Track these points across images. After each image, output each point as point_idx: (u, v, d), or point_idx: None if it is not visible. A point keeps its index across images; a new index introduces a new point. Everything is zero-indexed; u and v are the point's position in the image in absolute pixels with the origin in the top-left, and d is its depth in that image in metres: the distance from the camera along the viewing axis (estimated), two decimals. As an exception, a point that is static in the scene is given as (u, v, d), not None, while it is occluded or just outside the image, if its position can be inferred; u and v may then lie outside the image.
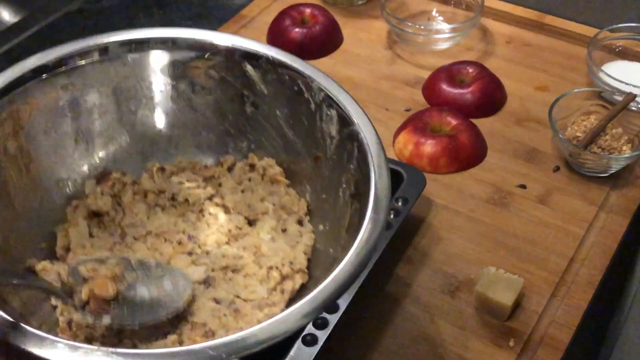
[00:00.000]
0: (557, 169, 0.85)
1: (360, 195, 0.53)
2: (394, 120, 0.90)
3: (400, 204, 0.73)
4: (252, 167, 0.64)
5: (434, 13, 1.06)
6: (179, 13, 1.13)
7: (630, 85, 0.86)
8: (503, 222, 0.79)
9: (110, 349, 0.42)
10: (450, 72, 0.94)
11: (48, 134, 0.59)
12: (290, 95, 0.59)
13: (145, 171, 0.64)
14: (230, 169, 0.64)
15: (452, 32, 0.99)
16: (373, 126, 0.55)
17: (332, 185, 0.58)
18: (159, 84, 0.63)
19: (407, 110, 0.92)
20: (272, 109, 0.61)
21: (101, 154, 0.62)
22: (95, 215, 0.62)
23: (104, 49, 0.60)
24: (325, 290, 0.46)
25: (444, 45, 1.01)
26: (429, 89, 0.94)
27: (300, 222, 0.62)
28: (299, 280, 0.59)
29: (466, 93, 0.91)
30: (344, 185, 0.57)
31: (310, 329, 0.62)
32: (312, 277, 0.59)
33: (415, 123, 0.86)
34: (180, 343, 0.54)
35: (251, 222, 0.63)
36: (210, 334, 0.54)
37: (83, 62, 0.59)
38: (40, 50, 0.59)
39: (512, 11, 1.06)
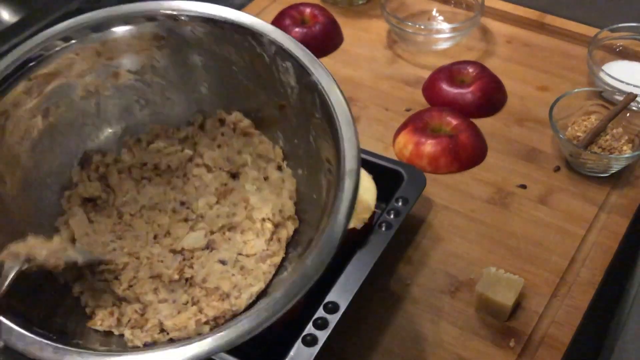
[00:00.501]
0: (557, 169, 0.84)
1: (328, 141, 0.56)
2: (394, 120, 0.90)
3: (400, 204, 0.73)
4: (222, 121, 0.66)
5: (434, 13, 1.06)
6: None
7: (631, 85, 0.86)
8: (503, 222, 0.79)
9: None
10: (451, 72, 0.93)
11: (28, 132, 0.60)
12: (243, 51, 0.61)
13: (123, 146, 0.65)
14: (201, 127, 0.66)
15: (452, 32, 0.99)
16: (330, 74, 0.57)
17: (302, 131, 0.61)
18: (117, 62, 0.64)
19: (407, 110, 0.92)
20: (228, 66, 0.63)
21: (76, 140, 0.63)
22: (89, 201, 0.63)
23: (66, 38, 0.61)
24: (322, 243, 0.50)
25: (444, 45, 1.01)
26: (429, 89, 0.94)
27: (279, 168, 0.64)
28: (291, 226, 0.61)
29: (466, 93, 0.91)
30: (313, 132, 0.59)
31: (310, 329, 0.62)
32: (302, 221, 0.61)
33: (416, 123, 0.86)
34: (201, 311, 0.56)
35: (234, 175, 0.65)
36: (224, 297, 0.57)
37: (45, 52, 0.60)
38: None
39: (512, 11, 1.06)
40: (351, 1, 1.10)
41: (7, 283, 0.50)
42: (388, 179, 0.75)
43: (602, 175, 0.83)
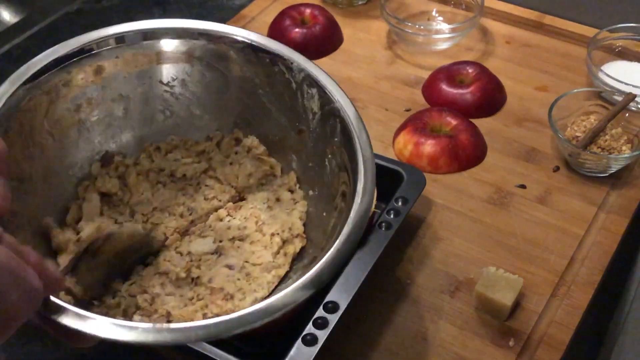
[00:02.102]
0: (556, 169, 0.85)
1: (346, 165, 0.59)
2: (394, 120, 0.90)
3: (400, 204, 0.73)
4: (238, 141, 0.68)
5: (433, 13, 1.07)
6: (179, 13, 1.13)
7: (630, 85, 0.86)
8: (503, 222, 0.79)
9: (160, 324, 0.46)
10: (450, 72, 0.94)
11: (59, 123, 0.62)
12: (272, 76, 0.64)
13: (143, 152, 0.68)
14: (218, 144, 0.69)
15: (452, 33, 0.99)
16: (352, 103, 0.60)
17: (317, 154, 0.64)
18: (152, 72, 0.66)
19: (407, 110, 0.93)
20: (255, 89, 0.66)
21: (100, 139, 0.66)
22: (104, 196, 0.65)
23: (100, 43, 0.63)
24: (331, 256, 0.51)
25: (443, 46, 1.01)
26: (429, 89, 0.94)
27: (291, 190, 0.67)
28: (298, 244, 0.63)
29: (466, 93, 0.91)
30: (329, 156, 0.62)
31: (310, 329, 0.62)
32: (309, 240, 0.64)
33: (415, 123, 0.86)
34: (206, 306, 0.58)
35: (244, 194, 0.68)
36: (229, 297, 0.59)
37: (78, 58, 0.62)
38: (40, 51, 0.60)
39: (512, 11, 1.06)
40: (351, 2, 1.10)
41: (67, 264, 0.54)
42: (388, 179, 0.75)
43: (601, 175, 0.83)
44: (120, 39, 0.63)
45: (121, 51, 0.63)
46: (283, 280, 0.61)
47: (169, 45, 0.65)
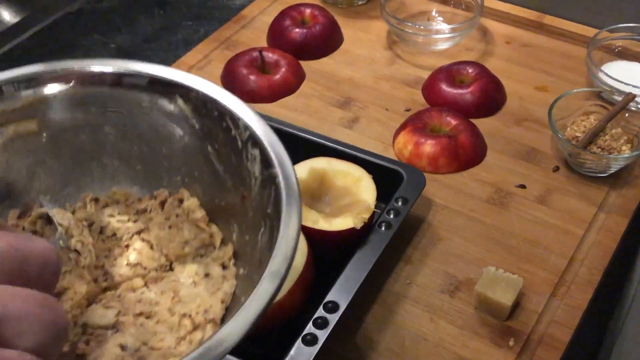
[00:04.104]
0: (556, 169, 0.85)
1: (271, 242, 0.50)
2: (394, 120, 0.90)
3: (400, 204, 0.73)
4: (181, 202, 0.62)
5: (433, 13, 1.07)
6: (179, 13, 1.13)
7: (630, 85, 0.86)
8: (503, 222, 0.79)
9: None
10: (450, 72, 0.94)
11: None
12: (220, 131, 0.58)
13: (80, 201, 0.62)
14: (162, 203, 0.62)
15: (452, 33, 0.99)
16: (293, 169, 0.53)
17: (255, 227, 0.55)
18: (95, 115, 0.61)
19: (407, 110, 0.93)
20: (204, 144, 0.59)
21: (32, 185, 0.60)
22: None
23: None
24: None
25: (443, 46, 1.01)
26: (429, 89, 0.94)
27: (224, 266, 0.59)
28: (209, 331, 0.55)
29: (466, 93, 0.91)
30: (262, 229, 0.54)
31: (310, 328, 0.62)
32: (223, 323, 0.55)
33: (415, 123, 0.86)
34: None
35: (172, 262, 0.60)
36: None
37: None
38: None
39: (512, 11, 1.06)
40: (351, 2, 1.10)
41: None
42: (388, 179, 0.75)
43: (601, 175, 0.83)
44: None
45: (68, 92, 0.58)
46: None
47: (119, 88, 0.59)
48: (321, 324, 0.63)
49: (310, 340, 0.62)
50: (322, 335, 0.62)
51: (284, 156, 0.53)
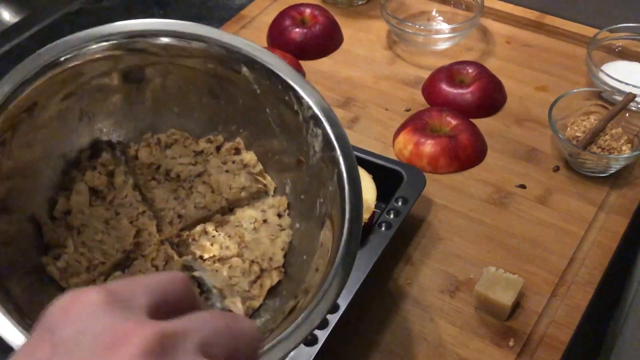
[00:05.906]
0: (556, 169, 0.85)
1: (333, 220, 0.56)
2: (394, 120, 0.90)
3: (400, 204, 0.73)
4: (237, 150, 0.66)
5: (433, 13, 1.07)
6: (179, 13, 1.13)
7: (630, 85, 0.86)
8: (503, 222, 0.79)
9: None
10: (450, 72, 0.94)
11: (59, 111, 0.61)
12: (281, 101, 0.61)
13: (142, 141, 0.66)
14: (218, 148, 0.67)
15: (452, 33, 0.99)
16: (353, 156, 0.58)
17: (311, 192, 0.61)
18: (160, 68, 0.65)
19: (407, 110, 0.93)
20: (262, 106, 0.63)
21: (100, 126, 0.64)
22: (90, 189, 0.63)
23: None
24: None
25: (443, 46, 1.01)
26: (429, 89, 0.94)
27: (279, 215, 0.64)
28: (275, 277, 0.61)
29: (466, 93, 0.91)
30: (321, 200, 0.59)
31: (310, 328, 0.62)
32: (286, 274, 0.62)
33: (415, 123, 0.86)
34: None
35: (233, 207, 0.65)
36: None
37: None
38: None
39: (512, 11, 1.06)
40: (351, 2, 1.10)
41: None
42: (388, 179, 0.75)
43: (601, 175, 0.83)
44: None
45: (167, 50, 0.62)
46: (253, 315, 0.59)
47: (202, 49, 0.62)
48: (321, 324, 0.63)
49: (310, 341, 0.62)
50: (322, 335, 0.62)
51: (346, 144, 0.58)
